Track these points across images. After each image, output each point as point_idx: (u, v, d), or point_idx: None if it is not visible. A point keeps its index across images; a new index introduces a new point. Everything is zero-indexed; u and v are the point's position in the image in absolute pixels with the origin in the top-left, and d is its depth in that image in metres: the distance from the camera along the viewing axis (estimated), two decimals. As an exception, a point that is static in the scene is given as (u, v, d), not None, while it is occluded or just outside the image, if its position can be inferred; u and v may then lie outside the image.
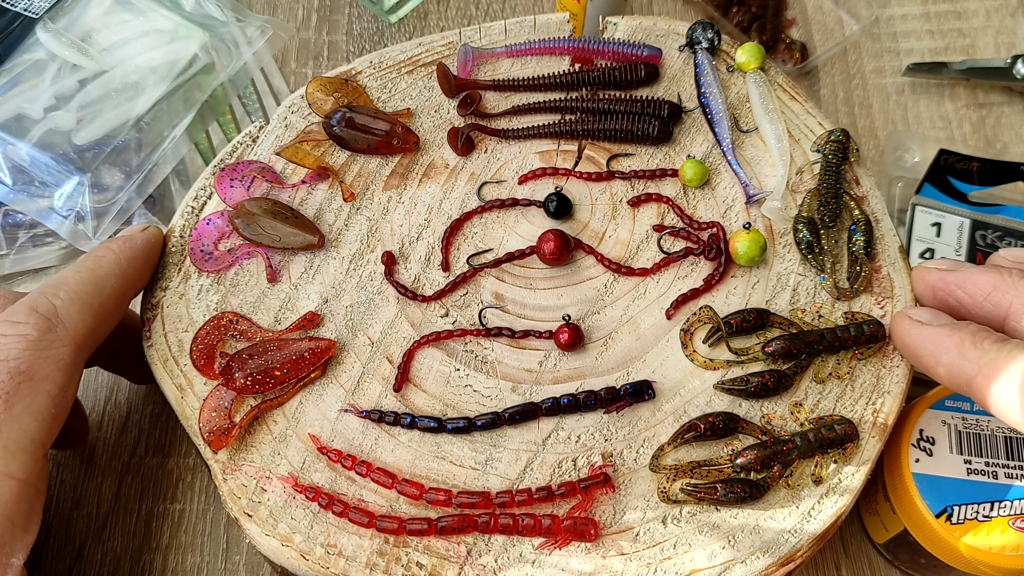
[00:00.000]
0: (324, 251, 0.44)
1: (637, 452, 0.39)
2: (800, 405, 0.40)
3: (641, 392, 0.40)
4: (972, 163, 0.56)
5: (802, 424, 0.39)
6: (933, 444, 0.42)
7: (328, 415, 0.40)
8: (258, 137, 0.47)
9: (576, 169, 0.46)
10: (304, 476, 0.39)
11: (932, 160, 0.56)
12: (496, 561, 0.37)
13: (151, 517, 0.48)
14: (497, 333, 0.42)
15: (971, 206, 0.56)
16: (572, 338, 0.41)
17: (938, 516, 0.41)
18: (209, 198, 0.45)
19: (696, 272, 0.43)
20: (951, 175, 0.56)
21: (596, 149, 0.46)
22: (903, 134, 0.60)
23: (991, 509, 0.40)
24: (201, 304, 0.42)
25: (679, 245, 0.44)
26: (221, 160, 0.46)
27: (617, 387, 0.40)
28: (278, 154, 0.46)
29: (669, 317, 0.42)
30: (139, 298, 0.44)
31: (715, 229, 0.43)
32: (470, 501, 0.38)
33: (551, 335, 0.41)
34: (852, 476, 0.38)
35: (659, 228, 0.44)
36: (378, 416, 0.40)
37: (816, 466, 0.38)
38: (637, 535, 0.38)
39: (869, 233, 0.43)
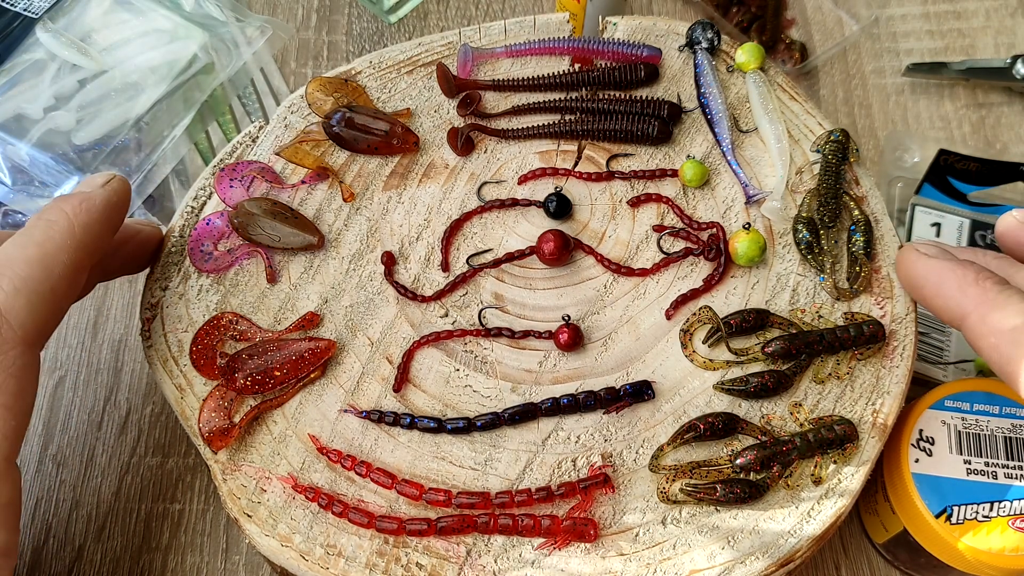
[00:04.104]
0: (324, 251, 0.44)
1: (637, 452, 0.39)
2: (800, 405, 0.40)
3: (641, 392, 0.40)
4: (972, 163, 0.56)
5: (802, 424, 0.39)
6: (933, 444, 0.42)
7: (328, 415, 0.40)
8: (258, 137, 0.47)
9: (576, 169, 0.46)
10: (304, 476, 0.39)
11: (932, 160, 0.56)
12: (496, 562, 0.37)
13: (151, 517, 0.48)
14: (497, 333, 0.42)
15: (971, 206, 0.56)
16: (572, 338, 0.41)
17: (938, 516, 0.41)
18: (209, 198, 0.45)
19: (696, 272, 0.43)
20: (951, 175, 0.56)
21: (596, 149, 0.46)
22: (903, 134, 0.60)
23: (991, 509, 0.40)
24: (201, 304, 0.42)
25: (679, 245, 0.44)
26: (221, 160, 0.46)
27: (617, 387, 0.40)
28: (278, 154, 0.46)
29: (669, 317, 0.42)
30: (136, 297, 0.43)
31: (715, 229, 0.43)
32: (470, 502, 0.38)
33: (551, 335, 0.41)
34: (851, 477, 0.38)
35: (659, 228, 0.44)
36: (378, 416, 0.40)
37: (816, 467, 0.38)
38: (637, 536, 0.38)
39: (869, 233, 0.43)
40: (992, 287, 0.35)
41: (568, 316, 0.41)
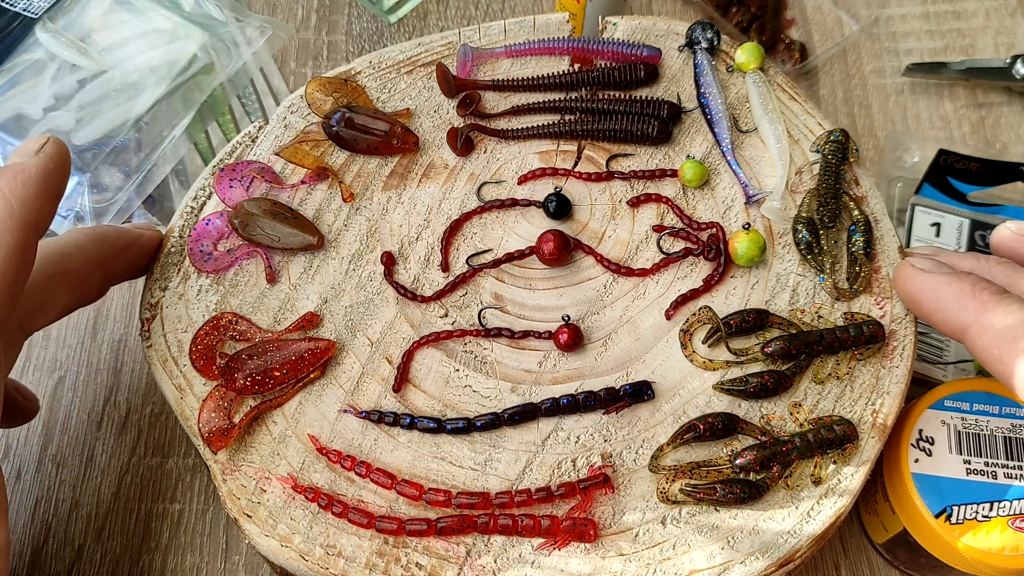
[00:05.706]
0: (323, 251, 0.44)
1: (636, 453, 0.39)
2: (799, 406, 0.40)
3: (640, 392, 0.40)
4: (971, 163, 0.56)
5: (801, 425, 0.39)
6: (932, 444, 0.42)
7: (327, 416, 0.40)
8: (257, 137, 0.47)
9: (575, 169, 0.46)
10: (303, 477, 0.39)
11: (931, 160, 0.56)
12: (495, 562, 0.37)
13: (150, 517, 0.48)
14: (496, 333, 0.42)
15: (970, 206, 0.56)
16: (571, 338, 0.41)
17: (937, 516, 0.41)
18: (208, 198, 0.45)
19: (695, 272, 0.43)
20: (950, 175, 0.56)
21: (595, 149, 0.46)
22: (903, 134, 0.60)
23: (990, 509, 0.40)
24: (200, 304, 0.42)
25: (678, 245, 0.44)
26: (220, 160, 0.46)
27: (616, 388, 0.40)
28: (277, 154, 0.46)
29: (668, 318, 0.42)
30: (136, 297, 0.43)
31: (714, 229, 0.43)
32: (469, 502, 0.38)
33: (550, 335, 0.41)
34: (851, 477, 0.38)
35: (658, 228, 0.44)
36: (377, 416, 0.40)
37: (815, 467, 0.38)
38: (636, 536, 0.38)
39: (868, 233, 0.43)
40: (990, 297, 0.35)
41: (568, 316, 0.41)
